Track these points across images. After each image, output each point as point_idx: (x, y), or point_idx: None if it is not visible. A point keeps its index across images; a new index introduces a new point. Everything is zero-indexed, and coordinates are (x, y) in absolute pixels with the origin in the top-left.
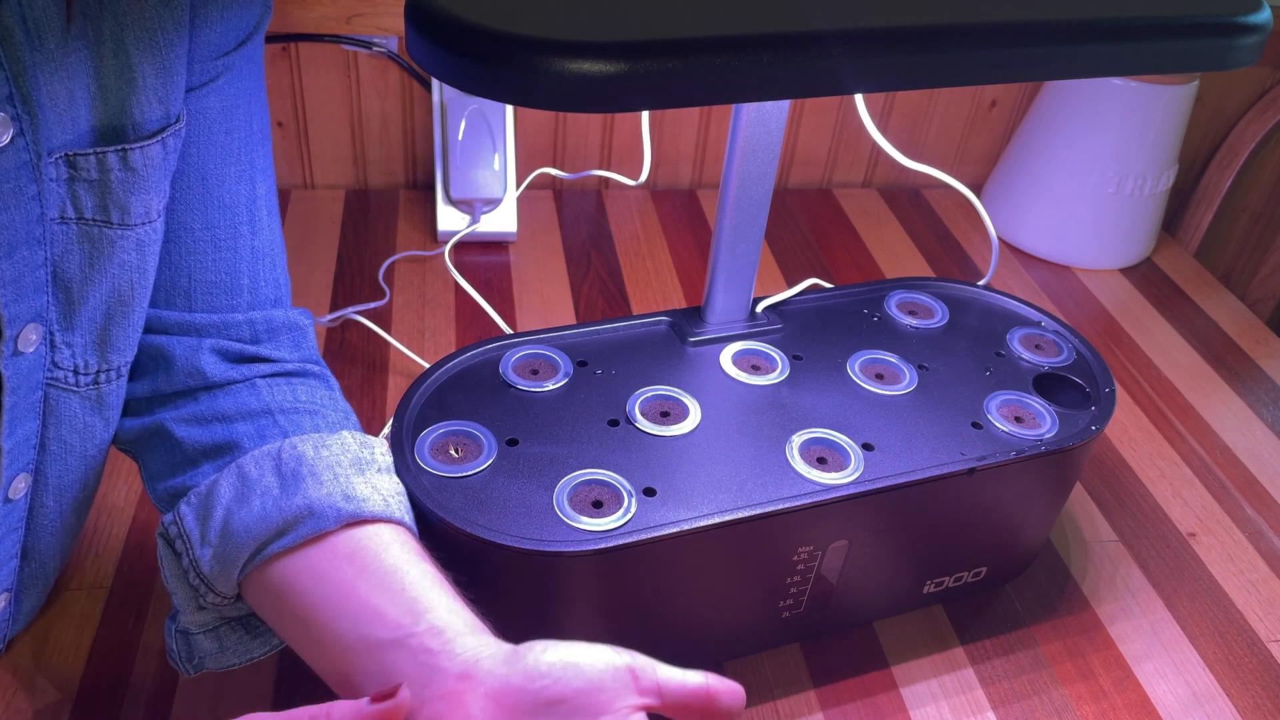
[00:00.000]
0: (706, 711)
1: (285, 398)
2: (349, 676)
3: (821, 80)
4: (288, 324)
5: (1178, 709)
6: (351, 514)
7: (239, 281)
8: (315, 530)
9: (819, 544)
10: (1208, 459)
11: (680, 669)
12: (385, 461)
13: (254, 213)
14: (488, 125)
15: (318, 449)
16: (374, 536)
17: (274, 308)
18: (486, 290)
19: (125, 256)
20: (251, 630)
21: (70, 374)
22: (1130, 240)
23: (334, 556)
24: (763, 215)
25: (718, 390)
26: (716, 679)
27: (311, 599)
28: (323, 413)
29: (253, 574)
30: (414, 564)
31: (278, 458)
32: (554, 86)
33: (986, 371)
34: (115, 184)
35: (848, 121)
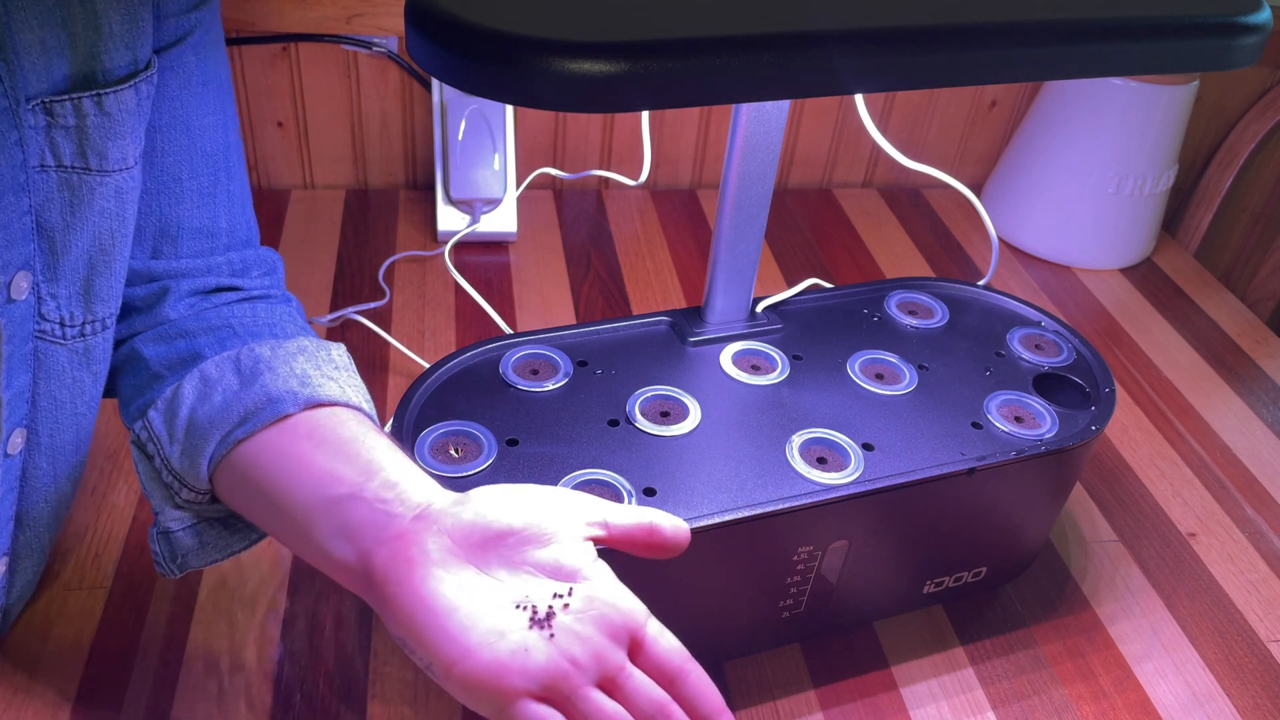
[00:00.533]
0: (650, 544)
1: (246, 315)
2: (311, 537)
3: (821, 80)
4: (258, 260)
5: (1178, 709)
6: (308, 398)
7: (218, 225)
8: (275, 414)
9: (819, 544)
10: (1208, 459)
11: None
12: (344, 362)
13: (229, 160)
14: (488, 125)
15: (275, 350)
16: (331, 416)
17: (247, 247)
18: (486, 290)
19: (105, 204)
20: (230, 527)
21: (57, 326)
22: (1130, 240)
23: (294, 435)
24: (763, 215)
25: (718, 390)
26: (661, 515)
27: (273, 475)
28: (282, 324)
29: (221, 465)
30: (370, 435)
31: (236, 359)
32: (554, 86)
33: (986, 371)
34: (92, 130)
35: (848, 121)
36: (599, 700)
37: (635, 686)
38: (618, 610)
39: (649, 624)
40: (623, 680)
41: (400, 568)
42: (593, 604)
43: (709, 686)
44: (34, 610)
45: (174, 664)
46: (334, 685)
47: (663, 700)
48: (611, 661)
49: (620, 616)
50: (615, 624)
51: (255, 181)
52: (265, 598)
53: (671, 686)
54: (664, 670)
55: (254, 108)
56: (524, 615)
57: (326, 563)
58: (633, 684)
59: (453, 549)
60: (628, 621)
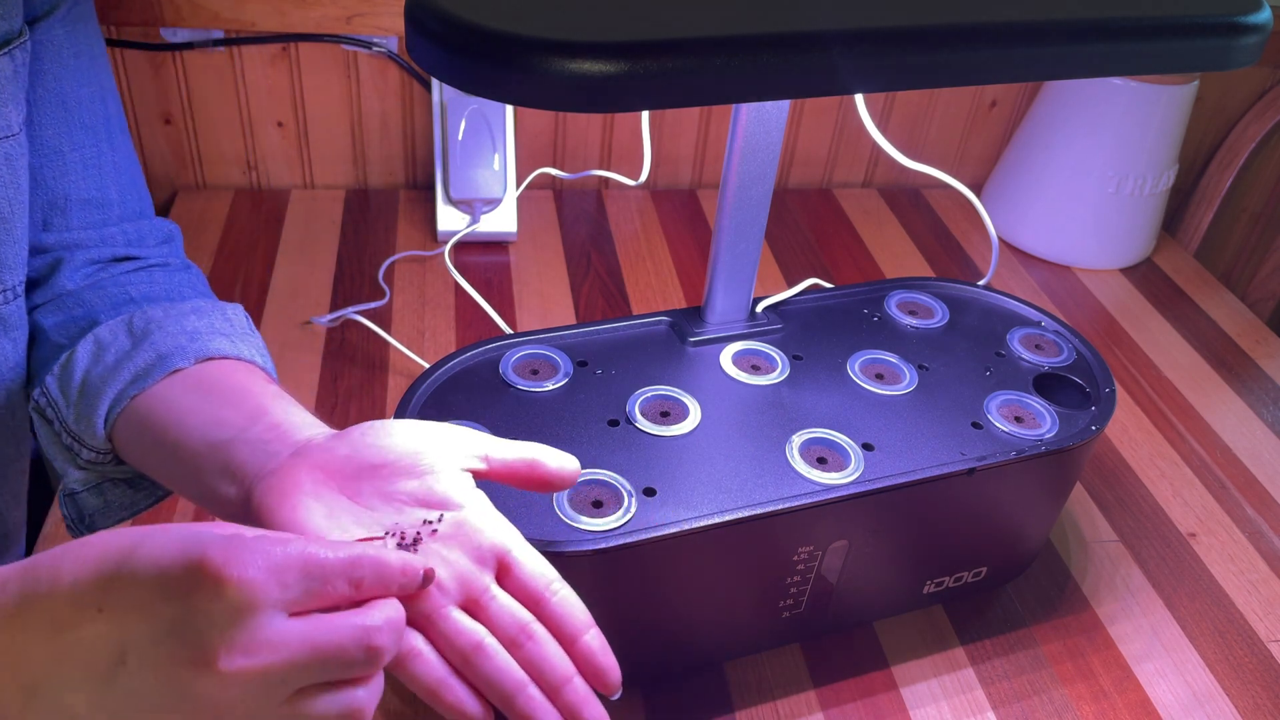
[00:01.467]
0: (532, 479)
1: (143, 281)
2: (201, 481)
3: (821, 80)
4: (153, 230)
5: (1178, 709)
6: (198, 352)
7: (108, 196)
8: (166, 369)
9: (819, 544)
10: (1208, 459)
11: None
12: (240, 321)
13: (110, 131)
14: (488, 125)
15: (167, 311)
16: (222, 367)
17: (140, 219)
18: (486, 290)
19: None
20: (135, 485)
21: None
22: (1130, 240)
23: (184, 388)
24: (763, 215)
25: (718, 390)
26: (547, 451)
27: (164, 426)
28: (179, 290)
29: (117, 423)
30: (259, 384)
31: (129, 321)
32: (554, 86)
33: (986, 371)
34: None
35: (848, 121)
36: (458, 620)
37: (498, 608)
38: (485, 536)
39: (517, 549)
40: (486, 602)
41: (274, 499)
42: (461, 529)
43: (574, 606)
44: None
45: None
46: None
47: (525, 620)
48: (475, 584)
49: (488, 542)
50: (482, 548)
51: (255, 181)
52: None
53: (537, 607)
54: (529, 592)
55: (254, 108)
56: (392, 540)
57: (215, 505)
58: (496, 605)
59: (326, 481)
60: (495, 546)
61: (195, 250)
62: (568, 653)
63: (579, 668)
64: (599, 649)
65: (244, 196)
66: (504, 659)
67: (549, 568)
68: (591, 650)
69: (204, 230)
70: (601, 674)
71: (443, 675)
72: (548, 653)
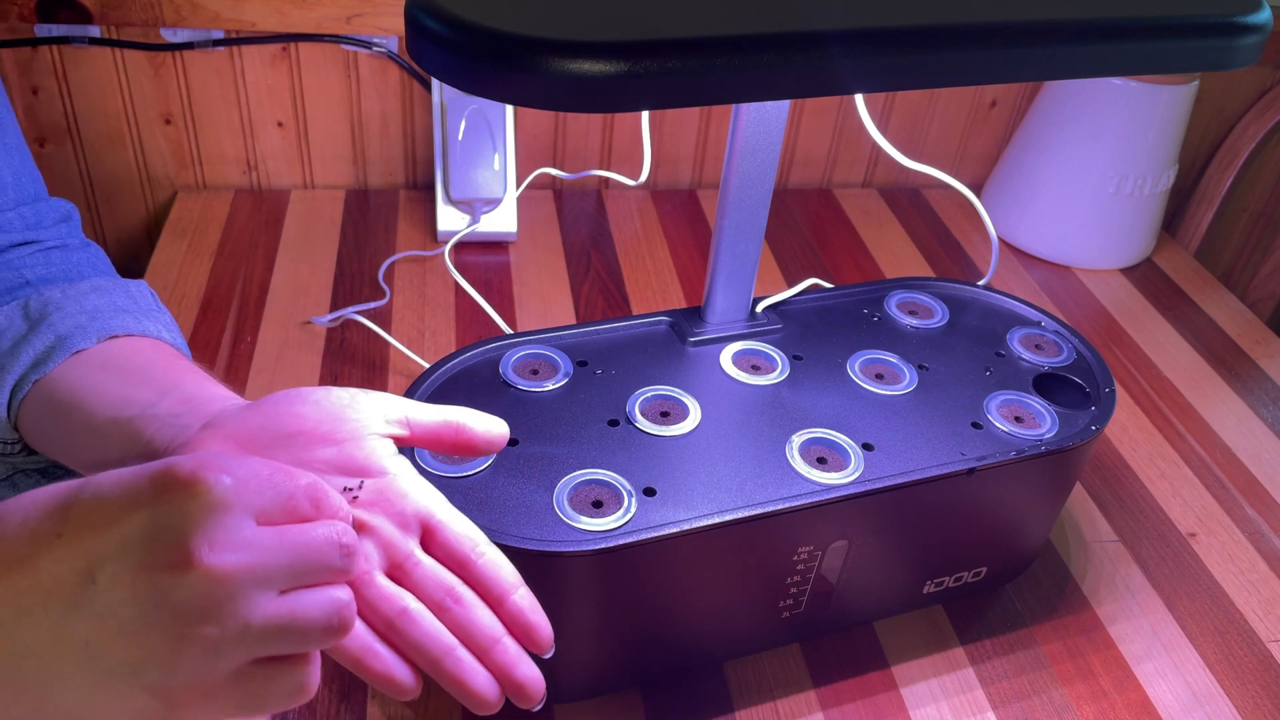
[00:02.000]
0: (458, 443)
1: (39, 263)
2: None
3: (821, 80)
4: (50, 210)
5: (1178, 709)
6: (100, 330)
7: (3, 179)
8: (68, 351)
9: (819, 544)
10: (1208, 459)
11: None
12: (144, 297)
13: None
14: (488, 125)
15: (65, 291)
16: (126, 345)
17: (36, 201)
18: (486, 290)
19: None
20: (49, 475)
21: None
22: (1130, 240)
23: (89, 368)
24: (763, 215)
25: (718, 390)
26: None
27: (70, 408)
28: (78, 269)
29: (22, 411)
30: (168, 359)
31: (25, 305)
32: (554, 86)
33: (986, 371)
34: None
35: (848, 121)
36: (383, 586)
37: (424, 573)
38: (409, 501)
39: (441, 513)
40: (410, 568)
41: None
42: (383, 495)
43: (501, 566)
44: None
45: None
46: (334, 686)
47: (451, 584)
48: (399, 550)
49: (411, 507)
50: (405, 514)
51: (255, 181)
52: None
53: (463, 570)
54: (455, 556)
55: (254, 108)
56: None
57: None
58: (421, 570)
59: (238, 452)
60: (418, 511)
61: (195, 250)
62: (496, 614)
63: (508, 628)
64: (528, 607)
65: (244, 196)
66: (430, 623)
67: (475, 530)
68: (520, 609)
69: (204, 230)
70: (531, 632)
71: (368, 642)
72: (475, 615)
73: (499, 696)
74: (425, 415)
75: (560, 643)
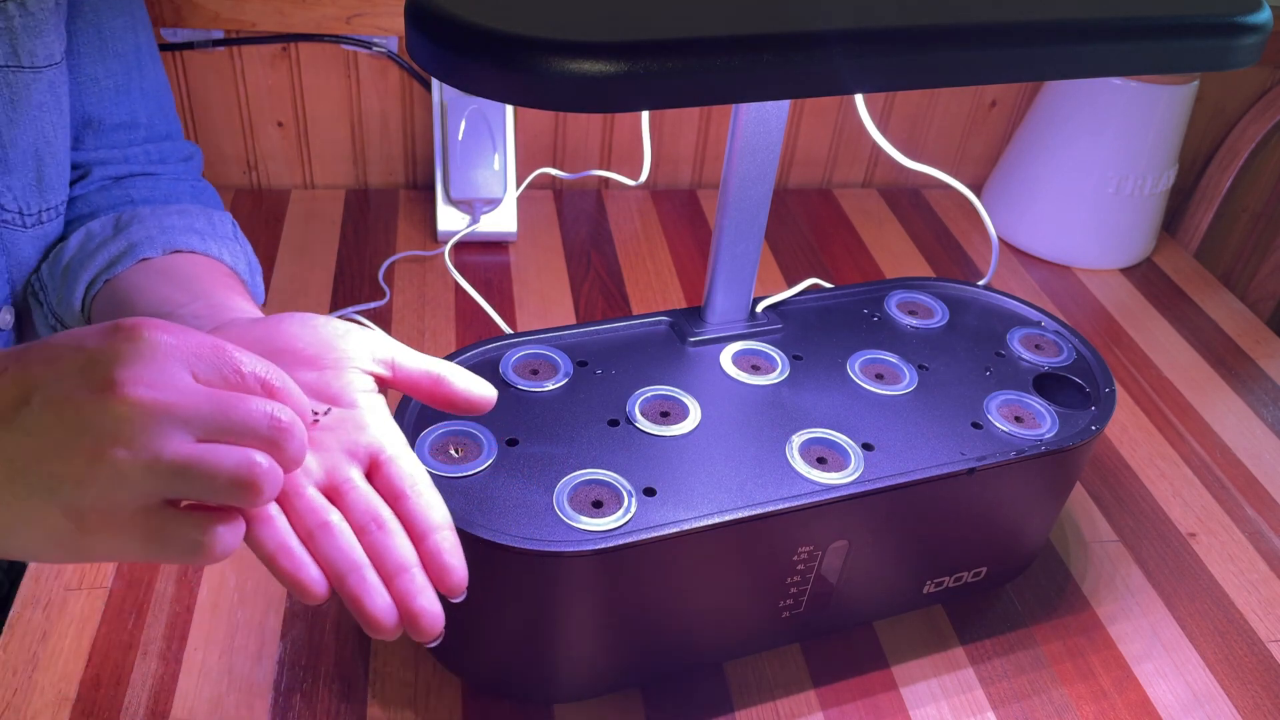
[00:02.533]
0: (435, 395)
1: (147, 186)
2: None
3: (821, 80)
4: (175, 150)
5: (1178, 709)
6: (167, 243)
7: (137, 119)
8: (136, 257)
9: (819, 544)
10: (1208, 459)
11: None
12: (224, 227)
13: (140, 59)
14: (488, 125)
15: (155, 210)
16: (187, 259)
17: (165, 140)
18: (486, 290)
19: (41, 98)
20: None
21: (16, 215)
22: (1130, 240)
23: (149, 273)
24: (763, 215)
25: (718, 390)
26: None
27: (124, 306)
28: (178, 195)
29: (93, 304)
30: (214, 275)
31: (118, 217)
32: (554, 86)
33: (986, 371)
34: (19, 29)
35: (848, 121)
36: (313, 498)
37: (356, 496)
38: (364, 433)
39: (394, 452)
40: (345, 490)
41: None
42: (343, 424)
43: (433, 507)
44: (34, 610)
45: (174, 664)
46: (334, 686)
47: (378, 510)
48: (339, 473)
49: (365, 439)
50: (357, 444)
51: (255, 181)
52: (265, 597)
53: (396, 503)
54: (392, 488)
55: (254, 108)
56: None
57: None
58: (354, 494)
59: None
60: (371, 444)
61: None
62: (416, 548)
63: (425, 563)
64: (448, 549)
65: (244, 196)
66: (347, 539)
67: (422, 473)
68: (440, 548)
69: None
70: (445, 572)
71: (285, 542)
72: (392, 542)
73: (395, 623)
74: (410, 361)
75: (560, 643)
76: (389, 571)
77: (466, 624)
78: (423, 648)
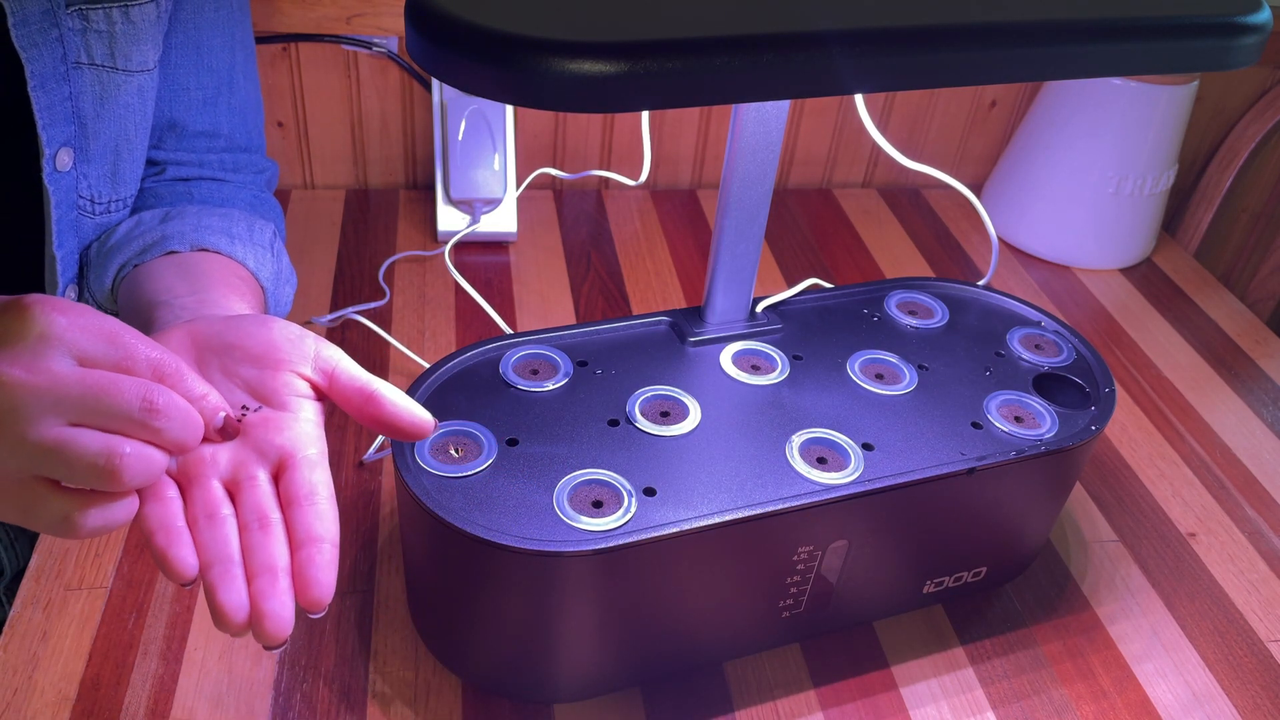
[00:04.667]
0: (364, 413)
1: (209, 189)
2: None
3: (821, 80)
4: (250, 163)
5: (1178, 709)
6: (195, 240)
7: (219, 129)
8: (163, 250)
9: (819, 544)
10: (1208, 459)
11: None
12: (262, 236)
13: (233, 77)
14: (488, 125)
15: (201, 210)
16: (210, 258)
17: (243, 151)
18: (486, 290)
19: (128, 99)
20: None
21: (88, 202)
22: (1130, 240)
23: (168, 265)
24: (763, 215)
25: (718, 390)
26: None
27: (141, 291)
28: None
29: (120, 288)
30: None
31: (168, 211)
32: (554, 86)
33: (986, 371)
34: (120, 35)
35: (848, 121)
36: (213, 489)
37: (253, 495)
38: (281, 435)
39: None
40: (246, 487)
41: None
42: (265, 423)
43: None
44: (34, 610)
45: (174, 664)
46: (334, 686)
47: (267, 511)
48: (245, 470)
49: (280, 440)
50: (270, 444)
51: None
52: None
53: (288, 508)
54: (290, 493)
55: None
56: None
57: None
58: (252, 493)
59: (188, 346)
60: (284, 447)
61: None
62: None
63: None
64: (320, 563)
65: None
66: (226, 532)
67: (326, 486)
68: (311, 560)
69: None
70: (308, 585)
71: (168, 521)
72: (268, 543)
73: (242, 620)
74: (349, 372)
75: (560, 643)
76: (253, 570)
77: (466, 624)
78: (423, 648)
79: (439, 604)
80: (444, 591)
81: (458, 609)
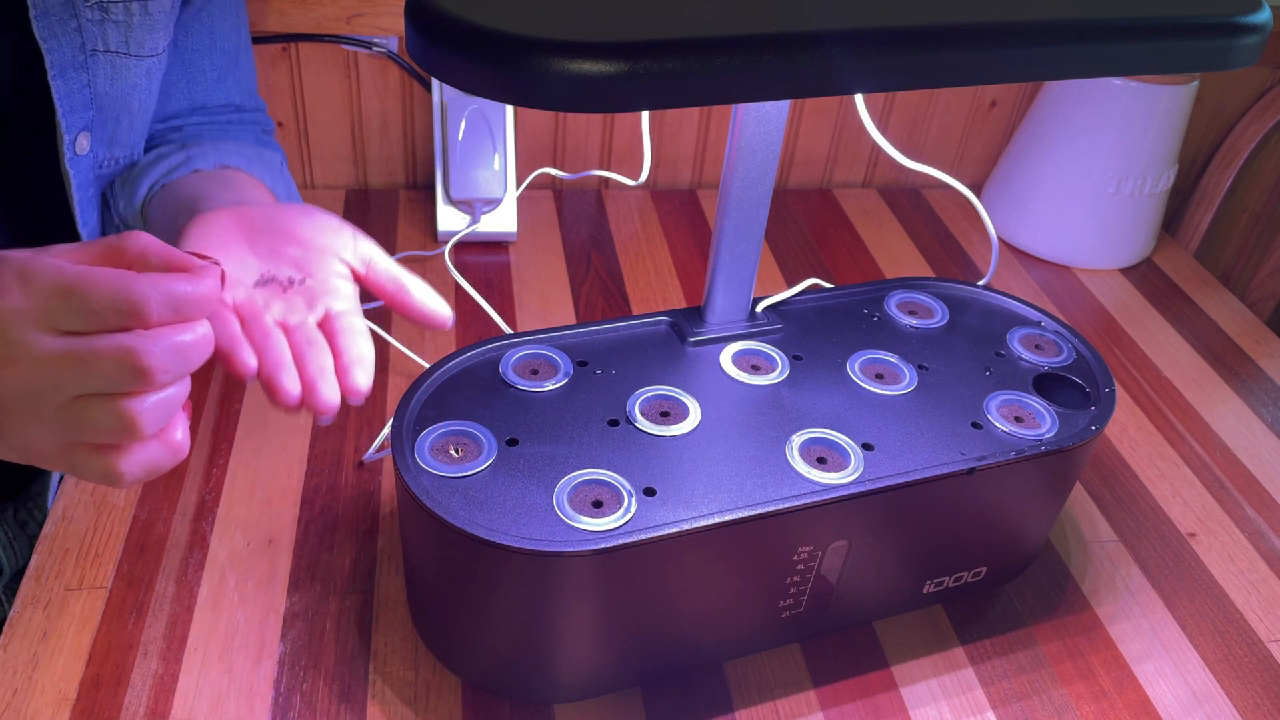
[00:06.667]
0: (394, 301)
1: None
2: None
3: (821, 80)
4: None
5: (1178, 709)
6: (218, 159)
7: (233, 101)
8: (189, 169)
9: (819, 544)
10: (1208, 459)
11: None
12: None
13: (239, 54)
14: (488, 125)
15: (215, 139)
16: (233, 173)
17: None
18: (486, 290)
19: (136, 80)
20: None
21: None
22: (1130, 240)
23: (198, 178)
24: (763, 215)
25: (718, 390)
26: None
27: (176, 199)
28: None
29: (149, 206)
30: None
31: (185, 142)
32: (554, 86)
33: (986, 371)
34: (136, 25)
35: (848, 121)
36: (268, 323)
37: (301, 329)
38: (326, 298)
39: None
40: (295, 325)
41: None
42: (310, 291)
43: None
44: (34, 610)
45: (174, 664)
46: (334, 686)
47: (314, 336)
48: (295, 315)
49: (326, 301)
50: (317, 301)
51: None
52: (265, 597)
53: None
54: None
55: None
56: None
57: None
58: (302, 329)
59: (236, 225)
60: (330, 306)
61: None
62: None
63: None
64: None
65: None
66: (280, 342)
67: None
68: (355, 364)
69: None
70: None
71: (229, 331)
72: (316, 353)
73: (296, 398)
74: (385, 265)
75: (560, 642)
76: (302, 363)
77: (466, 624)
78: (422, 647)
79: (439, 604)
80: (444, 591)
81: (458, 609)
